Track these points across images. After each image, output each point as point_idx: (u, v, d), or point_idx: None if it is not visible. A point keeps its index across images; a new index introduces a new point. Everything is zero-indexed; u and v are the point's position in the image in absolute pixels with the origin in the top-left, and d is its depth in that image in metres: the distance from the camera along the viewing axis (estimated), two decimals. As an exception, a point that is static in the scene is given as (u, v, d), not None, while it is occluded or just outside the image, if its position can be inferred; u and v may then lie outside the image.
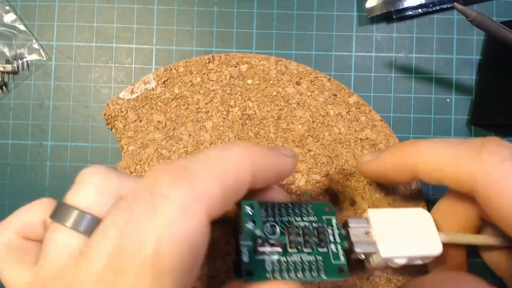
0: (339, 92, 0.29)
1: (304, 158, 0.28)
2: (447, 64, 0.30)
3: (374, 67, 0.30)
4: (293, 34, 0.30)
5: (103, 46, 0.30)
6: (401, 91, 0.30)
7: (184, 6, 0.30)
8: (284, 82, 0.29)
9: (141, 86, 0.29)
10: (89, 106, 0.30)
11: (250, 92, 0.29)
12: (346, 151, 0.28)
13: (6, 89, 0.30)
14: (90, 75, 0.30)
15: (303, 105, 0.29)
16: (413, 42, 0.30)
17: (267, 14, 0.30)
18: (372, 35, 0.30)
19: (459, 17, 0.30)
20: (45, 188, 0.30)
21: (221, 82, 0.29)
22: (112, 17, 0.30)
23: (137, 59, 0.30)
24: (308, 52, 0.30)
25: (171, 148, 0.28)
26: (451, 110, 0.30)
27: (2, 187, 0.30)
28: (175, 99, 0.29)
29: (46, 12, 0.30)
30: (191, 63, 0.29)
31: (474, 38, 0.30)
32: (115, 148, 0.30)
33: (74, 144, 0.30)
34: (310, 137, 0.28)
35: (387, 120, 0.30)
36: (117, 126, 0.29)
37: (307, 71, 0.29)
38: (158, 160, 0.28)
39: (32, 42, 0.30)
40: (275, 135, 0.28)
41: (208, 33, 0.30)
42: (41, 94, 0.30)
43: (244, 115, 0.29)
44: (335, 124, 0.29)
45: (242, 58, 0.29)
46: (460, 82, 0.30)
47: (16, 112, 0.30)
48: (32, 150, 0.30)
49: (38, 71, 0.30)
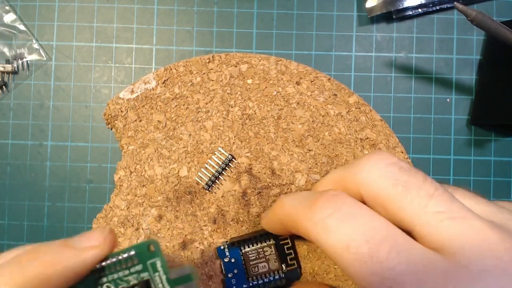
0: (339, 92, 0.29)
1: (304, 158, 0.28)
2: (447, 64, 0.30)
3: (374, 67, 0.30)
4: (293, 34, 0.30)
5: (103, 46, 0.30)
6: (401, 91, 0.30)
7: (184, 6, 0.30)
8: (284, 82, 0.29)
9: (141, 86, 0.29)
10: (89, 106, 0.30)
11: (250, 92, 0.29)
12: (346, 151, 0.28)
13: (6, 89, 0.30)
14: (90, 75, 0.30)
15: (303, 105, 0.29)
16: (413, 42, 0.30)
17: (267, 14, 0.30)
18: (372, 35, 0.30)
19: (459, 17, 0.30)
20: (45, 188, 0.30)
21: (221, 82, 0.29)
22: (112, 17, 0.30)
23: (137, 59, 0.30)
24: (308, 52, 0.30)
25: (171, 148, 0.28)
26: (451, 110, 0.30)
27: (2, 187, 0.30)
28: (175, 99, 0.29)
29: (46, 12, 0.30)
30: (191, 63, 0.29)
31: (474, 38, 0.30)
32: (115, 148, 0.30)
33: (74, 144, 0.30)
34: (310, 137, 0.28)
35: (387, 120, 0.30)
36: (117, 126, 0.29)
37: (307, 71, 0.29)
38: (158, 160, 0.28)
39: (32, 42, 0.30)
40: (275, 135, 0.28)
41: (208, 33, 0.30)
42: (41, 94, 0.30)
43: (244, 115, 0.29)
44: (335, 124, 0.29)
45: (242, 58, 0.29)
46: (460, 82, 0.30)
47: (16, 112, 0.30)
48: (32, 150, 0.30)
49: (38, 71, 0.30)
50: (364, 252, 0.15)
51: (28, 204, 0.30)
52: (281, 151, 0.28)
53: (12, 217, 0.30)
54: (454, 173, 0.30)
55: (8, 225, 0.30)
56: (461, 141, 0.30)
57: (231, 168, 0.28)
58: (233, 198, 0.28)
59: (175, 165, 0.28)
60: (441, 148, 0.30)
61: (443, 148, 0.30)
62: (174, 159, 0.28)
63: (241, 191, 0.28)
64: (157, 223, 0.28)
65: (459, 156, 0.30)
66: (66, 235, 0.29)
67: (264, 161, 0.28)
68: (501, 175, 0.30)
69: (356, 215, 0.16)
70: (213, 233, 0.28)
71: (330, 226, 0.16)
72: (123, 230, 0.28)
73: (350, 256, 0.15)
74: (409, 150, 0.30)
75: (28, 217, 0.30)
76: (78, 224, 0.30)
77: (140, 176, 0.28)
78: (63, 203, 0.30)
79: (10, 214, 0.30)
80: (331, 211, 0.16)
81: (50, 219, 0.30)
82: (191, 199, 0.28)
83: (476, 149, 0.30)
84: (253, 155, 0.28)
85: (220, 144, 0.28)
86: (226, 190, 0.28)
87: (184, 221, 0.28)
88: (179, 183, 0.28)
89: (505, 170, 0.30)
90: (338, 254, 0.16)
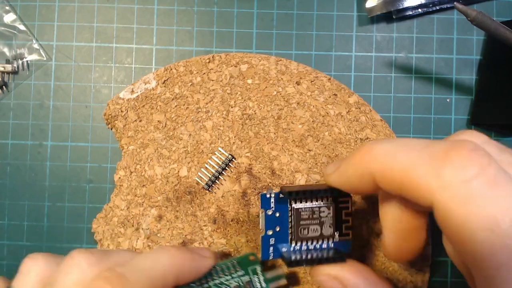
0: (339, 92, 0.29)
1: (304, 158, 0.28)
2: (447, 64, 0.30)
3: (374, 67, 0.30)
4: (293, 34, 0.30)
5: (103, 46, 0.30)
6: (401, 91, 0.30)
7: (184, 6, 0.30)
8: (284, 82, 0.29)
9: (141, 86, 0.29)
10: (89, 106, 0.30)
11: (250, 92, 0.29)
12: (346, 151, 0.28)
13: (6, 89, 0.30)
14: (90, 75, 0.30)
15: (303, 105, 0.29)
16: (413, 42, 0.30)
17: (267, 14, 0.30)
18: (372, 35, 0.30)
19: (459, 17, 0.30)
20: (45, 188, 0.30)
21: (221, 82, 0.29)
22: (112, 17, 0.30)
23: (137, 59, 0.30)
24: (308, 52, 0.30)
25: (171, 148, 0.28)
26: (451, 110, 0.30)
27: (2, 187, 0.30)
28: (175, 99, 0.29)
29: (46, 12, 0.30)
30: (191, 63, 0.29)
31: (474, 38, 0.30)
32: (115, 148, 0.30)
33: (74, 144, 0.30)
34: (310, 136, 0.28)
35: (387, 120, 0.30)
36: (117, 126, 0.29)
37: (307, 71, 0.29)
38: (158, 160, 0.28)
39: (32, 42, 0.30)
40: (275, 135, 0.28)
41: (208, 33, 0.30)
42: (41, 94, 0.30)
43: (244, 114, 0.29)
44: (335, 124, 0.29)
45: (242, 58, 0.29)
46: (460, 82, 0.30)
47: (16, 112, 0.30)
48: (32, 150, 0.30)
49: (38, 71, 0.30)
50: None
51: (28, 204, 0.30)
52: (281, 151, 0.28)
53: (12, 217, 0.30)
54: (454, 173, 0.30)
55: (8, 225, 0.30)
56: (461, 141, 0.30)
57: (231, 168, 0.28)
58: (233, 198, 0.28)
59: (175, 165, 0.28)
60: (441, 148, 0.30)
61: (443, 148, 0.30)
62: (174, 159, 0.28)
63: (241, 191, 0.28)
64: (157, 223, 0.28)
65: (459, 156, 0.30)
66: (66, 235, 0.29)
67: (264, 161, 0.28)
68: (501, 175, 0.30)
69: (505, 182, 0.12)
70: (213, 233, 0.28)
71: (475, 192, 0.12)
72: (123, 230, 0.28)
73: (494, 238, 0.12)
74: (409, 150, 0.30)
75: (28, 217, 0.30)
76: (78, 224, 0.30)
77: (140, 176, 0.28)
78: (63, 203, 0.30)
79: (10, 214, 0.30)
80: (476, 171, 0.12)
81: (50, 219, 0.30)
82: (191, 199, 0.28)
83: (476, 149, 0.30)
84: (253, 155, 0.28)
85: (220, 144, 0.28)
86: (226, 190, 0.28)
87: (184, 221, 0.28)
88: (179, 183, 0.28)
89: (505, 170, 0.30)
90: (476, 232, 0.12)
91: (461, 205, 0.12)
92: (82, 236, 0.30)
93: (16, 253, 0.29)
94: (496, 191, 0.12)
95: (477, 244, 0.12)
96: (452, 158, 0.13)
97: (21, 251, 0.29)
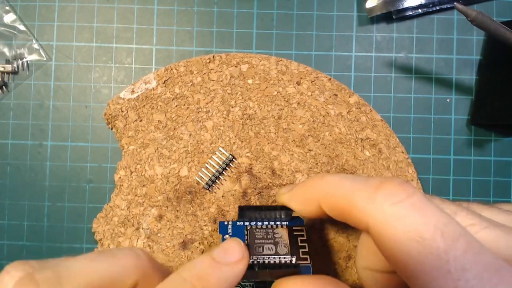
0: (340, 92, 0.29)
1: (305, 158, 0.28)
2: (447, 64, 0.30)
3: (374, 67, 0.30)
4: (293, 34, 0.30)
5: (103, 46, 0.30)
6: (401, 91, 0.30)
7: (184, 6, 0.30)
8: (284, 82, 0.29)
9: (142, 86, 0.29)
10: (89, 106, 0.30)
11: (251, 92, 0.29)
12: (346, 151, 0.28)
13: (6, 89, 0.30)
14: (90, 75, 0.30)
15: (304, 105, 0.29)
16: (413, 42, 0.30)
17: (267, 14, 0.30)
18: (372, 35, 0.30)
19: (459, 17, 0.30)
20: (45, 188, 0.30)
21: (222, 82, 0.29)
22: (112, 17, 0.30)
23: (137, 59, 0.30)
24: (308, 52, 0.30)
25: (171, 148, 0.28)
26: (451, 110, 0.30)
27: (2, 187, 0.30)
28: (176, 99, 0.29)
29: (46, 12, 0.30)
30: (191, 63, 0.29)
31: (474, 38, 0.30)
32: (115, 148, 0.30)
33: (74, 144, 0.30)
34: (310, 137, 0.28)
35: (387, 120, 0.30)
36: (118, 126, 0.29)
37: (307, 71, 0.29)
38: (158, 160, 0.28)
39: (32, 42, 0.30)
40: (276, 135, 0.28)
41: (208, 33, 0.30)
42: (41, 94, 0.30)
43: (245, 115, 0.29)
44: (335, 124, 0.29)
45: (242, 58, 0.29)
46: (460, 82, 0.30)
47: (16, 112, 0.30)
48: (32, 150, 0.30)
49: (38, 71, 0.30)
50: (438, 246, 0.14)
51: (28, 204, 0.30)
52: (282, 151, 0.28)
53: (12, 217, 0.30)
54: (454, 173, 0.30)
55: (8, 225, 0.30)
56: (461, 141, 0.30)
57: (232, 168, 0.28)
58: (234, 198, 0.28)
59: (175, 165, 0.28)
60: (441, 148, 0.30)
61: (443, 148, 0.30)
62: (175, 159, 0.28)
63: (241, 191, 0.28)
64: (158, 223, 0.28)
65: (459, 156, 0.30)
66: (66, 235, 0.29)
67: (264, 161, 0.28)
68: (501, 175, 0.30)
69: (428, 206, 0.15)
70: (213, 233, 0.28)
71: (401, 212, 0.15)
72: (123, 230, 0.28)
73: (420, 247, 0.14)
74: (409, 150, 0.30)
75: (28, 217, 0.30)
76: (78, 224, 0.30)
77: (140, 176, 0.28)
78: (63, 203, 0.30)
79: (10, 214, 0.30)
80: (403, 197, 0.15)
81: (50, 219, 0.30)
82: (191, 199, 0.28)
83: (476, 149, 0.30)
84: (253, 155, 0.28)
85: (220, 144, 0.28)
86: (227, 190, 0.28)
87: (184, 221, 0.28)
88: (179, 183, 0.28)
89: (505, 170, 0.30)
90: (404, 244, 0.14)
91: (390, 223, 0.15)
92: (82, 236, 0.30)
93: (16, 253, 0.29)
94: (420, 211, 0.14)
95: (407, 255, 0.14)
96: (384, 187, 0.16)
97: (21, 251, 0.29)
